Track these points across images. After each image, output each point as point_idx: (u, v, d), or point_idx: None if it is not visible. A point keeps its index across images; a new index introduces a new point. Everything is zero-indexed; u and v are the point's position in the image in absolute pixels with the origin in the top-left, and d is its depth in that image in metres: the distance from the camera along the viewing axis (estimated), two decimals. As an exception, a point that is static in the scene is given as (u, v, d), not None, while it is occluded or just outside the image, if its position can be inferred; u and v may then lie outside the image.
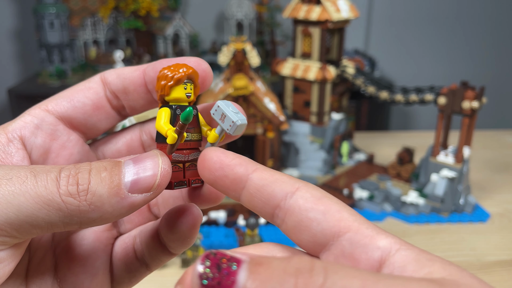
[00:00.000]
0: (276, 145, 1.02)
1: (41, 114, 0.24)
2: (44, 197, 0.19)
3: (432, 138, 1.10)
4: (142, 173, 0.21)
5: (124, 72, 0.25)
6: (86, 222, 0.20)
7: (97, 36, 1.87)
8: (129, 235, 0.27)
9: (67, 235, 0.25)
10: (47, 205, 0.19)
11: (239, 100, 0.91)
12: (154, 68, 0.24)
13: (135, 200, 0.20)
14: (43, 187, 0.19)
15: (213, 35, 1.98)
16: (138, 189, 0.20)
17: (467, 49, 2.03)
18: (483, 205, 0.98)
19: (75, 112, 0.25)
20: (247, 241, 0.75)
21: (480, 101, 0.89)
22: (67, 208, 0.19)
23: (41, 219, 0.19)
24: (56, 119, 0.24)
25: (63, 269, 0.24)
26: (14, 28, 1.94)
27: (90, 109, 0.25)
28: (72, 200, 0.19)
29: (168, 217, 0.25)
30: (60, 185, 0.19)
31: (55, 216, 0.19)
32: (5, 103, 1.93)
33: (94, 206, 0.20)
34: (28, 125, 0.23)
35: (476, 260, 0.80)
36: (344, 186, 1.01)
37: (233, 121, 0.22)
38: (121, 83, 0.25)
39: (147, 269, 0.26)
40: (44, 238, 0.25)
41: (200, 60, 0.24)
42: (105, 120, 0.26)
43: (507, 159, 1.23)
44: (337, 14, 1.01)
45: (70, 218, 0.19)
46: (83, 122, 0.25)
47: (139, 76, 0.25)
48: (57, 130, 0.24)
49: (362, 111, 1.76)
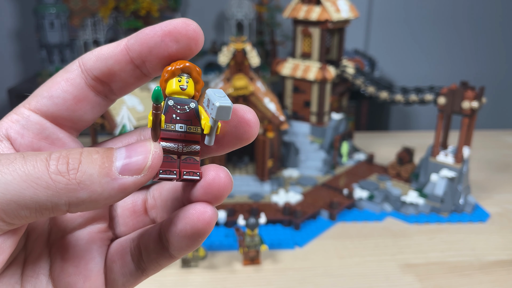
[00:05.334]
0: (276, 145, 1.02)
1: (25, 113, 0.23)
2: (32, 175, 0.19)
3: (432, 138, 1.10)
4: (134, 156, 0.21)
5: (103, 53, 0.23)
6: (74, 202, 0.20)
7: (97, 36, 1.87)
8: (126, 238, 0.26)
9: (62, 235, 0.25)
10: (34, 183, 0.19)
11: (239, 100, 0.91)
12: (137, 40, 0.23)
13: (125, 182, 0.20)
14: (31, 166, 0.19)
15: (213, 35, 1.98)
16: (129, 170, 0.20)
17: (467, 49, 2.03)
18: (483, 205, 0.98)
19: (57, 109, 0.23)
20: (247, 241, 0.76)
21: (479, 101, 0.89)
22: (55, 186, 0.19)
23: (29, 198, 0.19)
24: (41, 117, 0.23)
25: (57, 270, 0.24)
26: (14, 28, 1.94)
27: (73, 103, 0.23)
28: (61, 178, 0.19)
29: (176, 217, 0.23)
30: (49, 164, 0.19)
31: (42, 195, 0.19)
32: (5, 103, 1.93)
33: (83, 185, 0.19)
34: (15, 125, 0.23)
35: (476, 260, 0.80)
36: (344, 186, 1.01)
37: (213, 103, 0.22)
38: (103, 65, 0.23)
39: (142, 274, 0.25)
40: (40, 237, 0.24)
41: (187, 20, 0.22)
42: (91, 111, 0.24)
43: (507, 159, 1.23)
44: (337, 14, 1.01)
45: (58, 197, 0.19)
46: (68, 118, 0.24)
47: (122, 53, 0.23)
48: (45, 128, 0.23)
49: (362, 111, 1.76)
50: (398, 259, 0.80)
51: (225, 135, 0.24)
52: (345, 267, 0.78)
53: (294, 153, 1.09)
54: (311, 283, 0.73)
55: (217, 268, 0.77)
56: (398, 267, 0.77)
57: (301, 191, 0.99)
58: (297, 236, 0.86)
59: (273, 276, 0.75)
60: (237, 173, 1.01)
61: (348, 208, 0.95)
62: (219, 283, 0.73)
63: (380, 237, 0.86)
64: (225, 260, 0.79)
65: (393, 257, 0.80)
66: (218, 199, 0.23)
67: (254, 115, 0.24)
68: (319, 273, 0.76)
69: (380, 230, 0.89)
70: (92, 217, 0.26)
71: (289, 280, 0.74)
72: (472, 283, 0.74)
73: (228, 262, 0.78)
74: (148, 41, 0.22)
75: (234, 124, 0.24)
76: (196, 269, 0.76)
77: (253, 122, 0.24)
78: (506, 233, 0.88)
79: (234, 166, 1.04)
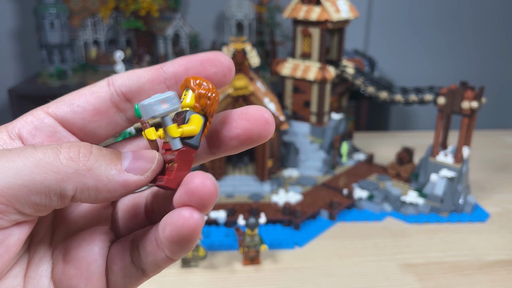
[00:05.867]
0: (276, 145, 1.02)
1: (41, 115, 0.24)
2: (43, 161, 0.20)
3: (431, 138, 1.10)
4: (141, 159, 0.22)
5: (137, 72, 0.25)
6: (80, 188, 0.21)
7: (97, 36, 1.87)
8: (126, 239, 0.26)
9: (64, 237, 0.25)
10: (45, 167, 0.20)
11: (239, 100, 0.91)
12: (173, 64, 0.24)
13: (128, 179, 0.22)
14: (42, 153, 0.20)
15: (213, 35, 1.98)
16: (134, 169, 0.22)
17: (467, 49, 2.03)
18: (483, 205, 0.98)
19: (73, 117, 0.24)
20: (247, 241, 0.76)
21: (479, 101, 0.89)
22: (65, 171, 0.20)
23: (39, 182, 0.20)
24: (55, 121, 0.24)
25: (58, 272, 0.24)
26: (14, 28, 1.94)
27: (90, 114, 0.24)
28: (72, 163, 0.21)
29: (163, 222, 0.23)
30: (61, 152, 0.21)
31: (52, 178, 0.20)
32: (5, 103, 1.93)
33: (92, 172, 0.21)
34: (28, 125, 0.24)
35: (476, 260, 0.80)
36: (343, 186, 1.01)
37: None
38: (135, 83, 0.24)
39: (143, 275, 0.25)
40: (43, 239, 0.25)
41: (223, 53, 0.25)
42: (106, 126, 0.25)
43: (506, 159, 1.23)
44: (337, 14, 1.02)
45: (67, 182, 0.20)
46: (81, 127, 0.24)
47: (157, 74, 0.24)
48: (57, 132, 0.24)
49: (362, 111, 1.76)
50: (397, 259, 0.80)
51: (243, 133, 0.24)
52: (345, 267, 0.78)
53: (294, 153, 1.09)
54: (311, 283, 0.74)
55: (217, 268, 0.77)
56: (398, 267, 0.78)
57: (301, 191, 0.99)
58: (297, 236, 0.86)
59: (273, 276, 0.75)
60: (237, 173, 1.01)
61: (348, 208, 0.95)
62: (219, 283, 0.73)
63: (379, 237, 0.86)
64: (225, 260, 0.79)
65: (393, 257, 0.81)
66: (203, 207, 0.22)
67: (271, 114, 0.25)
68: (319, 273, 0.76)
69: (379, 230, 0.89)
70: (95, 219, 0.26)
71: (289, 280, 0.74)
72: (471, 283, 0.74)
73: (228, 262, 0.78)
74: (186, 63, 0.24)
75: (254, 121, 0.24)
76: (196, 269, 0.77)
77: (271, 120, 0.25)
78: (505, 233, 0.89)
79: (234, 166, 1.04)
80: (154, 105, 0.22)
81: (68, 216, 0.26)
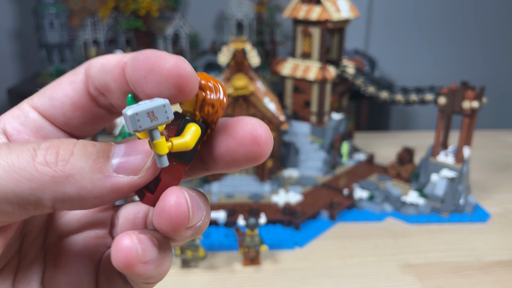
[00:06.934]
0: (276, 145, 1.02)
1: (26, 109, 0.22)
2: (15, 166, 0.17)
3: (432, 138, 1.10)
4: (133, 155, 0.19)
5: (107, 64, 0.20)
6: (60, 198, 0.18)
7: (97, 36, 1.86)
8: None
9: (57, 239, 0.23)
10: (17, 174, 0.17)
11: (239, 100, 0.91)
12: (134, 63, 0.19)
13: (119, 181, 0.18)
14: (15, 156, 0.17)
15: (213, 35, 1.98)
16: (125, 169, 0.19)
17: (467, 49, 2.03)
18: (483, 205, 0.98)
19: (54, 113, 0.21)
20: (247, 241, 0.75)
21: (480, 101, 0.89)
22: (40, 178, 0.17)
23: (10, 191, 0.17)
24: (40, 116, 0.22)
25: (48, 277, 0.22)
26: (14, 28, 1.93)
27: (70, 110, 0.21)
28: (48, 169, 0.17)
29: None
30: (37, 154, 0.18)
31: (25, 187, 0.17)
32: (5, 103, 1.93)
33: (71, 179, 0.17)
34: (14, 121, 0.21)
35: (476, 260, 0.80)
36: (344, 186, 1.01)
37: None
38: (102, 78, 0.20)
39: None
40: (35, 241, 0.23)
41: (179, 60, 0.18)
42: (91, 122, 0.22)
43: (507, 159, 1.23)
44: (337, 14, 1.01)
45: (43, 191, 0.17)
46: (64, 124, 0.22)
47: (119, 73, 0.20)
48: (42, 127, 0.22)
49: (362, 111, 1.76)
50: (398, 259, 0.80)
51: (226, 154, 0.20)
52: (345, 267, 0.77)
53: (294, 153, 1.08)
54: (311, 283, 0.73)
55: (217, 269, 0.77)
56: (398, 267, 0.77)
57: (301, 191, 0.99)
58: (297, 236, 0.85)
59: (273, 276, 0.75)
60: (237, 173, 1.01)
61: (348, 208, 0.95)
62: (219, 283, 0.73)
63: (380, 237, 0.86)
64: (225, 260, 0.79)
65: (393, 257, 0.80)
66: (172, 230, 0.19)
67: (266, 130, 0.20)
68: (319, 273, 0.76)
69: (380, 230, 0.89)
70: (91, 222, 0.24)
71: (289, 280, 0.74)
72: (472, 283, 0.74)
73: (228, 262, 0.78)
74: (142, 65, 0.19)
75: (239, 140, 0.20)
76: (196, 269, 0.76)
77: (263, 140, 0.20)
78: (506, 233, 0.88)
79: (234, 166, 1.04)
80: (138, 117, 0.18)
81: (62, 218, 0.24)
